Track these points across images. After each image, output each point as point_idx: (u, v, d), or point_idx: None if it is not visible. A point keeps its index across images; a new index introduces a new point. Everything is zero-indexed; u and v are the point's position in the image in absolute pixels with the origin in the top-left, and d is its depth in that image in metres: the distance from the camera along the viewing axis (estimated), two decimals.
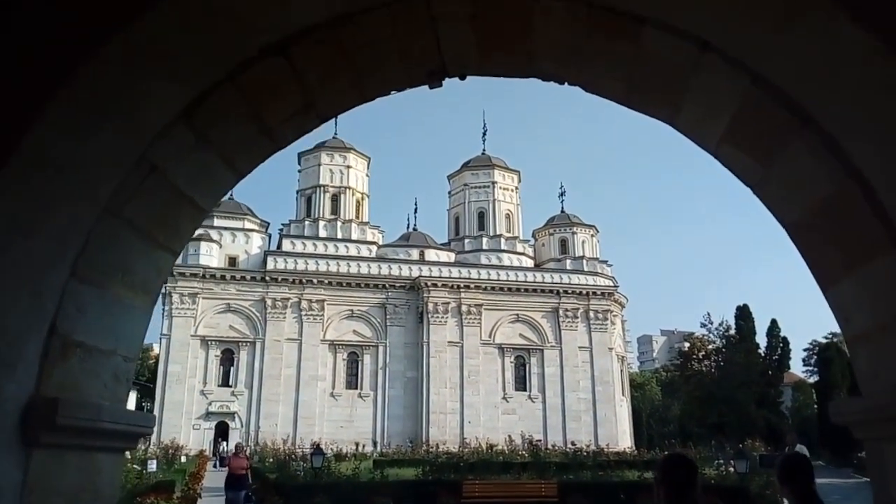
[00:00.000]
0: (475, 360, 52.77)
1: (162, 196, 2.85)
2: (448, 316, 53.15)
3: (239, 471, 16.66)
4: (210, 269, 49.99)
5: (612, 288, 58.75)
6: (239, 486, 16.30)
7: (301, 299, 51.22)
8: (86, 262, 2.53)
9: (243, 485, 16.51)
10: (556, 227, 62.31)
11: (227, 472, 17.04)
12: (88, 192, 2.46)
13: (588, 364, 54.95)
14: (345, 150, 59.17)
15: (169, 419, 45.89)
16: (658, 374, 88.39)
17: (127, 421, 2.84)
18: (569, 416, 52.93)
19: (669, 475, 2.73)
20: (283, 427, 46.62)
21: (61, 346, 2.44)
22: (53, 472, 2.38)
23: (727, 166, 3.06)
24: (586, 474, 20.94)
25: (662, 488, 2.69)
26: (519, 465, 22.92)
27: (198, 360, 48.51)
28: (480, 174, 62.95)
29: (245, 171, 3.28)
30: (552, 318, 55.52)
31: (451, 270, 55.52)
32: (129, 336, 2.91)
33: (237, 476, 16.50)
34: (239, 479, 16.43)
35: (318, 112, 3.19)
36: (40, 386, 2.33)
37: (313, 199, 57.25)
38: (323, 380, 50.40)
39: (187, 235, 3.24)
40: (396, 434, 47.81)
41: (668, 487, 2.67)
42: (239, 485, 16.33)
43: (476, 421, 50.35)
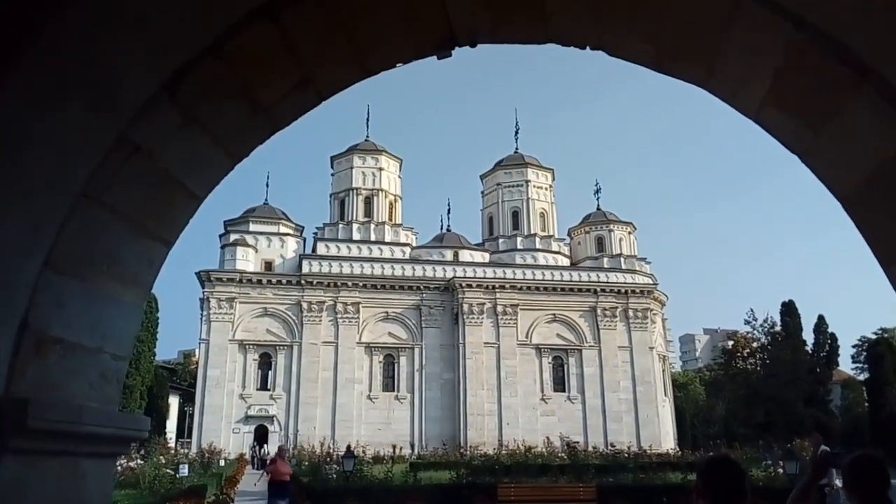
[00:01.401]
0: (512, 361, 52.35)
1: (148, 180, 2.64)
2: (483, 317, 52.84)
3: (283, 476, 15.69)
4: (246, 274, 50.60)
5: (652, 286, 57.72)
6: (282, 493, 15.37)
7: (336, 302, 51.51)
8: (63, 252, 2.33)
9: (287, 491, 15.55)
10: (593, 225, 61.53)
11: (270, 478, 15.93)
12: (60, 174, 2.26)
13: (628, 364, 54.04)
14: (377, 153, 59.40)
15: (209, 423, 46.59)
16: (701, 374, 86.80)
17: (115, 424, 2.63)
18: (609, 417, 52.10)
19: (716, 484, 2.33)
20: (321, 430, 46.87)
21: (35, 342, 2.24)
22: (28, 480, 2.18)
23: (770, 132, 2.73)
24: (627, 477, 20.39)
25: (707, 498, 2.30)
26: (557, 468, 22.48)
27: (236, 364, 49.12)
28: (513, 173, 62.54)
29: (241, 154, 3.06)
30: (590, 317, 54.78)
31: (485, 271, 55.23)
32: (118, 332, 2.70)
33: (281, 482, 15.56)
34: (282, 486, 15.55)
35: (318, 88, 2.95)
36: (10, 386, 2.14)
37: (346, 201, 57.60)
38: (360, 382, 50.56)
39: (181, 224, 3.02)
40: (434, 436, 47.65)
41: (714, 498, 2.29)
42: (282, 491, 15.41)
43: (514, 423, 49.92)
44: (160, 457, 25.18)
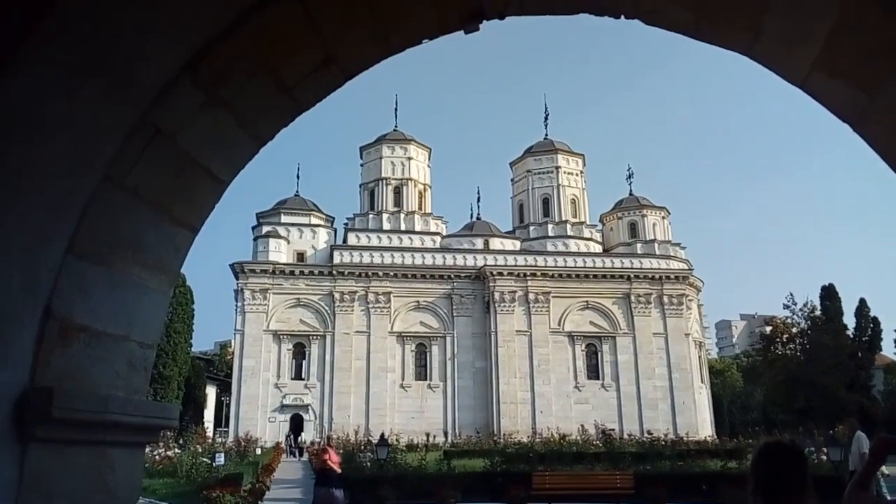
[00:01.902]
0: (545, 349, 52.10)
1: (172, 164, 2.58)
2: (515, 305, 52.64)
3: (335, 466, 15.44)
4: (279, 265, 51.17)
5: (687, 271, 56.81)
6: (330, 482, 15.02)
7: (368, 292, 51.80)
8: (86, 237, 2.28)
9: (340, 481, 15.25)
10: (625, 211, 60.72)
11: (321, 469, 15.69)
12: (80, 158, 2.20)
13: (663, 351, 53.36)
14: (405, 142, 59.38)
15: (245, 412, 47.37)
16: (738, 360, 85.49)
17: (143, 413, 2.59)
18: (645, 404, 51.59)
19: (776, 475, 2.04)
20: (355, 418, 47.31)
21: (60, 330, 2.20)
22: (55, 469, 2.14)
23: (819, 100, 2.56)
24: (664, 464, 20.10)
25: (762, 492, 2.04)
26: (592, 456, 22.26)
27: (271, 354, 49.78)
28: (543, 159, 61.98)
29: (266, 136, 2.98)
30: (624, 304, 54.18)
31: (516, 259, 54.96)
32: (144, 320, 2.65)
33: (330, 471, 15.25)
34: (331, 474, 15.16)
35: (342, 66, 2.85)
36: (35, 375, 2.10)
37: (376, 192, 57.77)
38: (392, 371, 50.87)
39: (207, 209, 2.96)
40: (467, 424, 47.75)
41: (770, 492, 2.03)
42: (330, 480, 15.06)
43: (548, 411, 49.74)
44: (197, 446, 25.66)
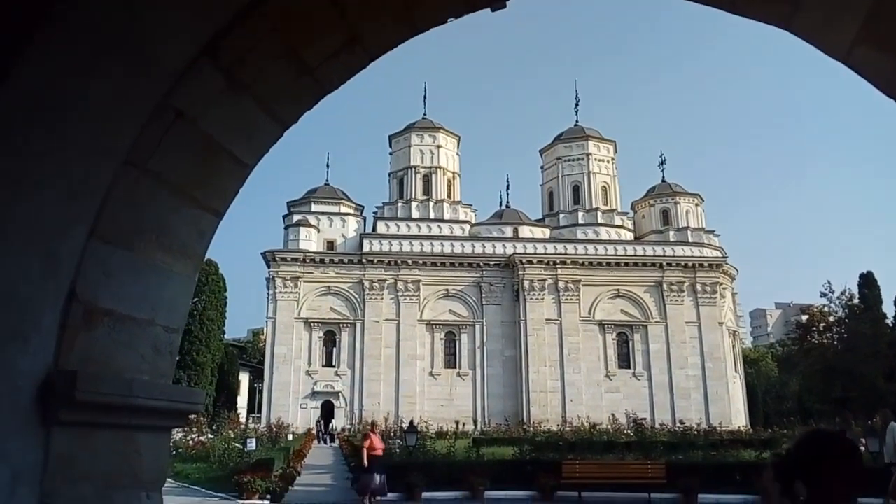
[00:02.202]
0: (575, 338, 51.79)
1: (194, 148, 2.55)
2: (545, 293, 52.36)
3: (375, 451, 15.24)
4: (309, 254, 51.63)
5: (721, 259, 55.86)
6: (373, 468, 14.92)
7: (397, 280, 52.01)
8: (109, 221, 2.27)
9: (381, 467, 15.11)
10: (657, 198, 59.86)
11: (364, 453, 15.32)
12: (101, 141, 2.19)
13: (696, 339, 52.66)
14: (434, 130, 59.27)
15: (277, 399, 48.07)
16: (773, 350, 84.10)
17: (168, 397, 2.58)
18: (677, 394, 51.03)
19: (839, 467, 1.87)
20: (385, 406, 47.68)
21: (84, 313, 2.20)
22: (80, 453, 2.14)
23: (864, 75, 2.42)
24: (697, 454, 19.83)
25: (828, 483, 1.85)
26: (623, 445, 22.05)
27: (302, 341, 50.36)
28: (574, 146, 61.35)
29: (289, 119, 2.94)
30: (656, 292, 53.54)
31: (546, 247, 54.62)
32: (169, 304, 2.65)
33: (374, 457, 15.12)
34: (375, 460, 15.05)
35: (365, 47, 2.79)
36: (59, 358, 2.10)
37: (405, 180, 57.84)
38: (422, 359, 51.09)
39: (231, 193, 2.93)
40: (497, 413, 47.80)
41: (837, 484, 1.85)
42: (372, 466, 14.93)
43: (578, 399, 49.51)
44: (229, 431, 26.09)
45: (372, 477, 14.69)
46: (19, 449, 1.91)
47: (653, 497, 15.86)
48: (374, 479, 14.63)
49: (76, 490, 2.11)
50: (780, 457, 2.01)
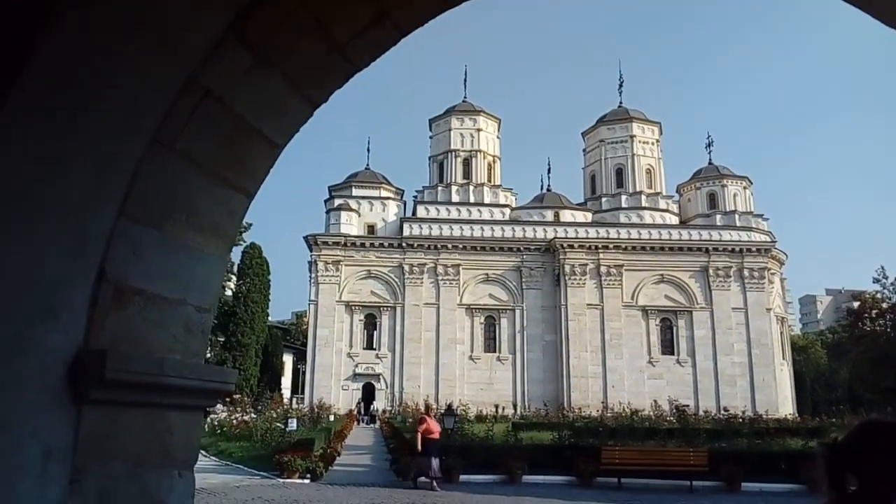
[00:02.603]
0: (617, 323, 51.23)
1: (222, 126, 2.53)
2: (586, 278, 51.84)
3: (431, 434, 15.16)
4: (350, 237, 52.13)
5: (769, 244, 54.41)
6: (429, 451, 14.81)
7: (437, 264, 52.13)
8: (138, 200, 2.26)
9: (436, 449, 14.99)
10: (704, 181, 58.54)
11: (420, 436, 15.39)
12: (129, 120, 2.17)
13: (743, 326, 51.55)
14: (474, 113, 58.94)
15: (319, 380, 48.90)
16: (823, 337, 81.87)
17: (199, 376, 2.58)
18: (722, 381, 50.12)
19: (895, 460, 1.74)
20: (425, 388, 48.04)
21: (114, 293, 2.20)
22: (111, 431, 2.15)
23: None
24: (741, 442, 19.44)
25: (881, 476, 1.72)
26: (665, 432, 21.74)
27: (343, 324, 51.02)
28: (617, 128, 60.31)
29: (319, 99, 2.89)
30: (701, 277, 52.50)
31: (587, 231, 53.99)
32: (201, 284, 2.64)
33: (434, 440, 15.07)
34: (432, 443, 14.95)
35: (395, 22, 2.71)
36: (90, 337, 2.10)
37: (445, 164, 57.77)
38: (461, 343, 51.24)
39: (261, 173, 2.91)
40: (536, 397, 47.72)
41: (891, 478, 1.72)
42: (430, 449, 14.85)
43: (620, 385, 49.06)
44: (272, 411, 26.63)
45: (427, 460, 14.64)
46: (50, 426, 1.92)
47: (694, 485, 15.61)
48: (429, 463, 14.58)
49: (107, 468, 2.13)
50: (832, 445, 1.89)
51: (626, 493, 14.72)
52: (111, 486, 2.11)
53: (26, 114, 1.86)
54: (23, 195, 1.84)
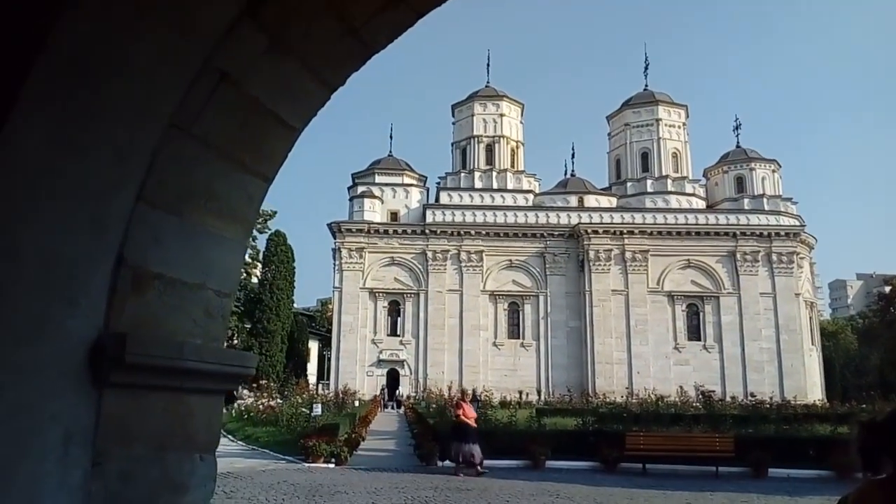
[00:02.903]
0: (642, 309, 50.85)
1: (240, 111, 2.52)
2: (611, 263, 51.46)
3: (467, 420, 15.04)
4: (373, 224, 52.31)
5: (798, 228, 53.46)
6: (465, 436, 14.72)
7: (460, 251, 52.12)
8: (156, 185, 2.26)
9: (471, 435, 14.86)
10: (731, 164, 57.62)
11: (454, 422, 15.38)
12: (145, 104, 2.17)
13: (771, 311, 50.86)
14: (497, 98, 58.55)
15: (344, 366, 49.36)
16: (853, 322, 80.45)
17: (220, 360, 2.59)
18: (749, 366, 49.57)
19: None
20: (449, 375, 48.24)
21: (133, 277, 2.21)
22: (132, 415, 2.17)
23: None
24: (768, 428, 19.21)
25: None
26: (691, 418, 21.58)
27: (367, 311, 51.34)
28: (643, 112, 59.50)
29: (336, 82, 2.86)
30: (728, 262, 51.82)
31: (612, 216, 53.53)
32: (220, 269, 2.65)
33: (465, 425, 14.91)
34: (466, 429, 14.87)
35: (411, 3, 2.68)
36: (110, 321, 2.11)
37: (468, 150, 57.56)
38: (485, 329, 51.28)
39: (279, 158, 2.90)
40: (560, 384, 47.63)
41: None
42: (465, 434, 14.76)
43: (645, 371, 48.76)
44: (297, 397, 26.95)
45: (461, 445, 14.58)
46: (71, 410, 1.94)
47: (720, 470, 15.49)
48: (463, 448, 14.52)
49: (129, 451, 2.15)
50: (869, 423, 1.82)
51: (651, 478, 14.65)
52: (133, 468, 2.13)
53: (45, 96, 1.86)
54: (41, 180, 1.85)
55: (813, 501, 11.11)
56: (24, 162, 1.80)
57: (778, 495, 12.48)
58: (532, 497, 11.80)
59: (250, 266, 51.65)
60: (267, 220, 52.09)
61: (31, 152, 1.82)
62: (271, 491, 11.91)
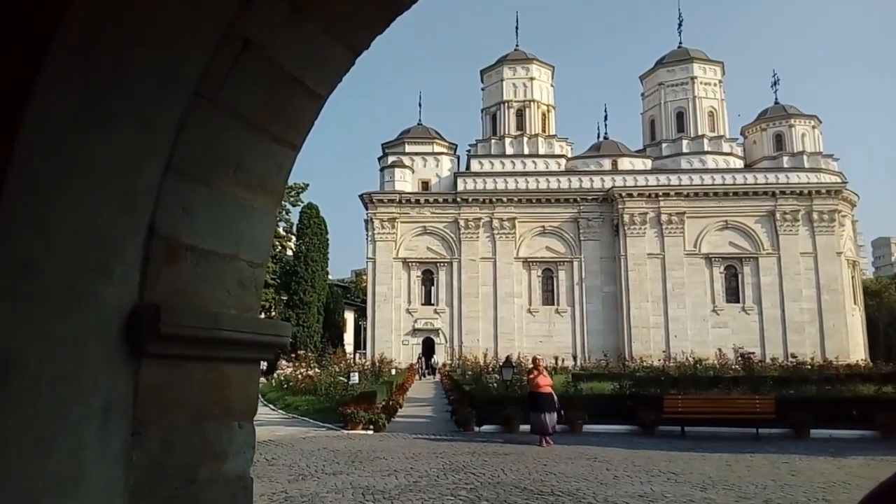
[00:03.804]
0: (679, 272, 50.20)
1: (265, 78, 2.49)
2: (646, 227, 50.75)
3: (542, 388, 14.34)
4: (405, 194, 52.32)
5: (840, 185, 51.92)
6: (540, 405, 14.10)
7: (492, 218, 51.91)
8: (183, 156, 2.25)
9: (552, 404, 14.23)
10: (770, 122, 56.00)
11: (529, 391, 14.70)
12: (170, 72, 2.14)
13: (812, 271, 49.76)
14: (527, 62, 57.57)
15: (380, 336, 49.94)
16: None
17: (254, 330, 2.61)
18: (790, 327, 48.76)
19: None
20: (484, 342, 48.50)
21: (166, 248, 2.22)
22: (169, 384, 2.20)
23: None
24: (810, 389, 18.89)
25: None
26: (729, 380, 21.29)
27: (401, 280, 51.68)
28: (677, 70, 57.96)
29: (360, 45, 2.80)
30: (767, 222, 50.69)
31: (647, 178, 52.63)
32: (252, 239, 2.65)
33: (545, 395, 14.26)
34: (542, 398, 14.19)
35: None
36: (144, 293, 2.13)
37: (498, 116, 56.92)
38: (519, 296, 51.25)
39: (306, 126, 2.87)
40: (596, 349, 47.56)
41: None
42: (540, 403, 14.12)
43: (682, 335, 48.33)
44: (335, 366, 27.41)
45: (540, 416, 14.08)
46: (109, 379, 1.96)
47: (761, 432, 15.34)
48: (542, 418, 14.03)
49: (168, 420, 2.18)
50: None
51: (690, 441, 14.59)
52: (173, 437, 2.16)
53: (68, 68, 1.84)
54: (68, 152, 1.85)
55: (856, 461, 10.95)
56: (51, 134, 1.79)
57: (820, 456, 12.32)
58: (569, 461, 11.86)
59: (284, 239, 52.36)
60: (299, 193, 52.56)
61: (57, 124, 1.81)
62: (311, 457, 12.17)
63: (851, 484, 9.39)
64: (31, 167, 1.72)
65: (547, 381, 14.68)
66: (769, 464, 11.38)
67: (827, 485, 9.49)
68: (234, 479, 2.45)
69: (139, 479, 1.98)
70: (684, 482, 9.64)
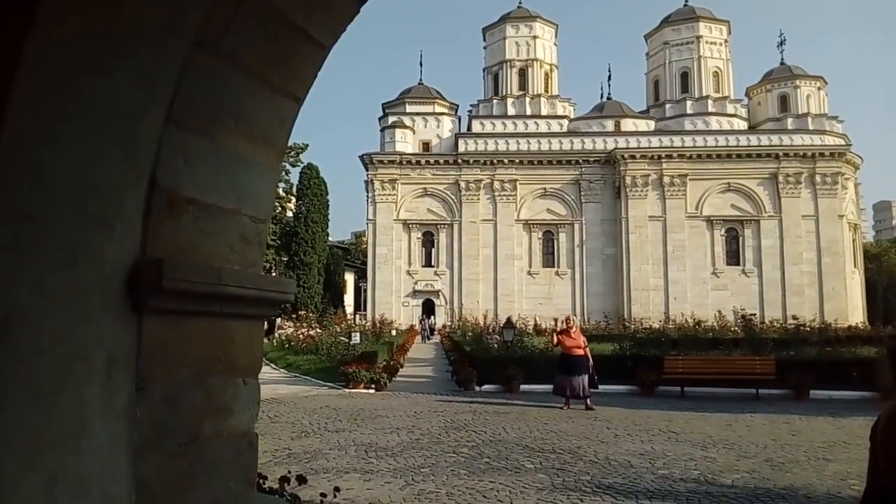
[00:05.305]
0: (680, 235, 50.14)
1: (267, 26, 2.39)
2: (648, 189, 50.51)
3: (573, 350, 13.58)
4: (405, 155, 51.94)
5: (843, 147, 51.48)
6: (570, 368, 13.43)
7: (493, 180, 51.64)
8: (184, 106, 2.17)
9: (583, 367, 13.46)
10: (775, 82, 55.25)
11: (561, 354, 13.92)
12: (169, 19, 2.05)
13: (813, 234, 49.69)
14: (530, 20, 56.56)
15: (381, 297, 50.15)
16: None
17: (258, 286, 2.56)
18: (789, 290, 48.93)
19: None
20: (484, 304, 48.70)
21: (167, 201, 2.16)
22: (172, 340, 2.16)
23: None
24: (809, 350, 19.00)
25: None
26: (730, 342, 21.42)
27: (402, 242, 51.66)
28: (682, 29, 56.95)
29: None
30: (770, 185, 50.43)
31: (650, 140, 52.17)
32: (254, 194, 2.59)
33: (574, 357, 13.52)
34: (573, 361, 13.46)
35: None
36: (146, 247, 2.07)
37: (500, 75, 56.15)
38: (519, 259, 51.30)
39: (309, 77, 2.78)
40: (596, 311, 47.78)
41: None
42: (571, 366, 13.43)
43: (682, 297, 48.54)
44: (336, 327, 27.57)
45: (567, 378, 13.41)
46: (112, 335, 1.92)
47: (761, 393, 15.47)
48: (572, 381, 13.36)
49: (172, 376, 2.15)
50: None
51: (690, 401, 14.72)
52: (177, 393, 2.13)
53: (64, 13, 1.76)
54: (65, 101, 1.77)
55: (856, 422, 11.04)
56: (47, 83, 1.71)
57: (820, 416, 12.43)
58: (570, 420, 11.98)
59: (284, 200, 52.16)
60: (299, 154, 52.16)
61: (54, 72, 1.73)
62: (314, 415, 12.30)
63: (851, 444, 9.49)
64: (28, 113, 1.65)
65: (574, 342, 13.84)
66: (769, 424, 11.48)
67: (827, 444, 9.59)
68: (238, 434, 2.44)
69: (143, 435, 1.96)
70: (685, 441, 9.74)
